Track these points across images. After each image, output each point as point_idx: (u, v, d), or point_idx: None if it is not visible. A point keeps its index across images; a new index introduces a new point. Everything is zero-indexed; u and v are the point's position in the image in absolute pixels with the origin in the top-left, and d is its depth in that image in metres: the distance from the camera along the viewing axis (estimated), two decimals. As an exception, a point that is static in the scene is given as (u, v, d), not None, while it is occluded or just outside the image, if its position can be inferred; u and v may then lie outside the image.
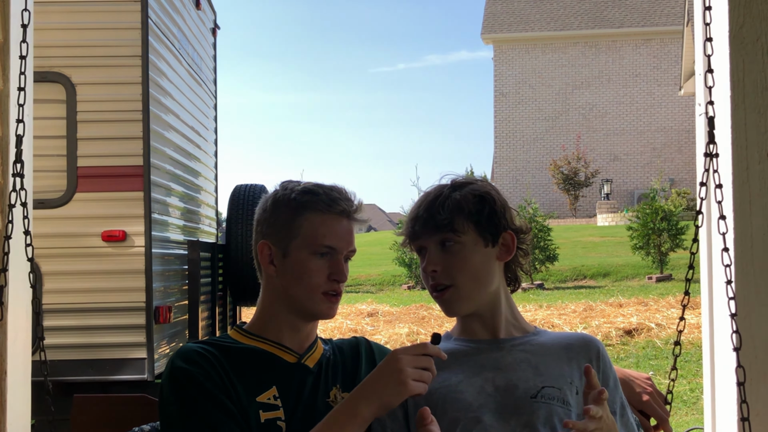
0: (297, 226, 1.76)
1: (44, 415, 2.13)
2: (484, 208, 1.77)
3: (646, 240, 14.66)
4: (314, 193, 1.77)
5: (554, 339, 1.83)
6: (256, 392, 1.70)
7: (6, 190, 1.91)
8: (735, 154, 1.79)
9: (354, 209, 1.79)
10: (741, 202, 1.79)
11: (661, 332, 8.97)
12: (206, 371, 1.67)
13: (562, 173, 26.92)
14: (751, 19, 1.79)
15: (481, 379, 1.74)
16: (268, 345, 1.78)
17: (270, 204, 1.81)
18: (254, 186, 6.58)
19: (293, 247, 1.76)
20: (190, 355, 1.70)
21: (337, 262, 1.76)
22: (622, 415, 1.79)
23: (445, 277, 1.76)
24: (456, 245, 1.76)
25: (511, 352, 1.78)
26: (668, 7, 29.80)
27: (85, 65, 4.99)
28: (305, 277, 1.75)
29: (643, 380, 2.01)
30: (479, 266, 1.77)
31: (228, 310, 6.62)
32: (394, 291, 15.26)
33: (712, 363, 1.94)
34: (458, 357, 1.78)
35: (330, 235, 1.75)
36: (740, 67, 1.80)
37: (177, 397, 1.66)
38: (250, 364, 1.73)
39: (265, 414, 1.69)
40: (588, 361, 1.77)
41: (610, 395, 1.75)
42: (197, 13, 6.60)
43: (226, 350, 1.74)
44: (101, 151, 4.94)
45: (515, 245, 1.82)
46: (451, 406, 1.71)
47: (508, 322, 1.83)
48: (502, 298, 1.83)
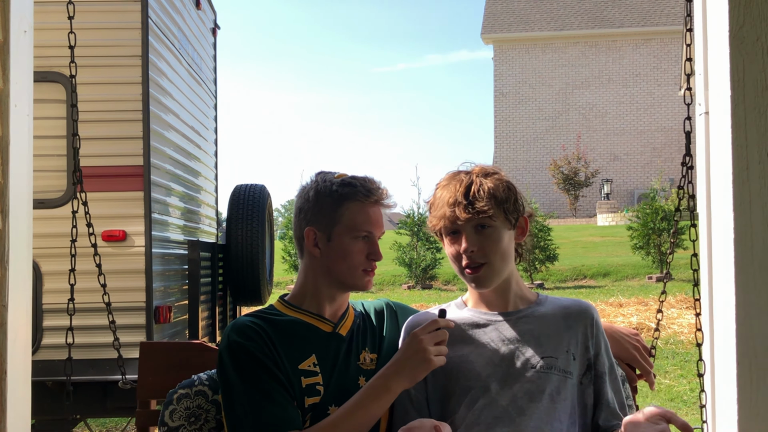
0: (339, 215, 2.03)
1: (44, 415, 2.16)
2: (511, 197, 2.03)
3: (646, 240, 14.66)
4: (353, 185, 2.04)
5: (554, 308, 2.08)
6: (299, 360, 1.97)
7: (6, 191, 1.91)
8: (735, 154, 1.79)
9: (385, 198, 2.07)
10: (741, 202, 1.79)
11: (661, 332, 8.97)
12: (259, 345, 1.93)
13: (562, 173, 26.93)
14: (751, 19, 1.79)
15: (490, 350, 2.01)
16: (307, 316, 2.05)
17: (313, 194, 2.06)
18: (254, 186, 6.58)
19: (336, 232, 2.03)
20: (244, 330, 1.95)
21: (373, 244, 2.07)
22: (609, 374, 2.04)
23: (481, 257, 2.00)
24: (490, 228, 2.01)
25: (516, 324, 2.04)
26: (668, 7, 29.80)
27: (85, 65, 4.99)
28: (348, 258, 2.02)
29: (631, 336, 2.27)
30: (506, 246, 2.04)
31: (228, 310, 6.62)
32: (394, 291, 15.26)
33: (712, 363, 1.94)
34: (470, 328, 2.05)
35: (368, 222, 2.04)
36: (740, 67, 1.80)
37: (235, 367, 1.92)
38: (293, 335, 2.00)
39: (306, 380, 1.96)
40: (584, 327, 2.04)
41: (600, 359, 2.03)
42: (197, 13, 6.60)
43: (272, 323, 2.00)
44: (101, 151, 4.94)
45: (528, 227, 2.10)
46: (464, 375, 1.99)
47: (516, 295, 2.09)
48: (514, 272, 2.09)
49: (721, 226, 1.84)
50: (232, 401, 1.92)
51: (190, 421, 2.09)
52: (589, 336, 2.03)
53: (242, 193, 6.44)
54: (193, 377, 2.15)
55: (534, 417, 1.93)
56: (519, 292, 2.10)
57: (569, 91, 29.84)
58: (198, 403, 2.11)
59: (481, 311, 2.08)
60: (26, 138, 1.99)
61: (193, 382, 2.14)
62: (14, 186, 1.93)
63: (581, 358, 2.02)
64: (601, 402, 2.01)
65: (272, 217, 7.07)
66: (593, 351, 2.03)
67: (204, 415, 2.10)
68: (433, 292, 14.37)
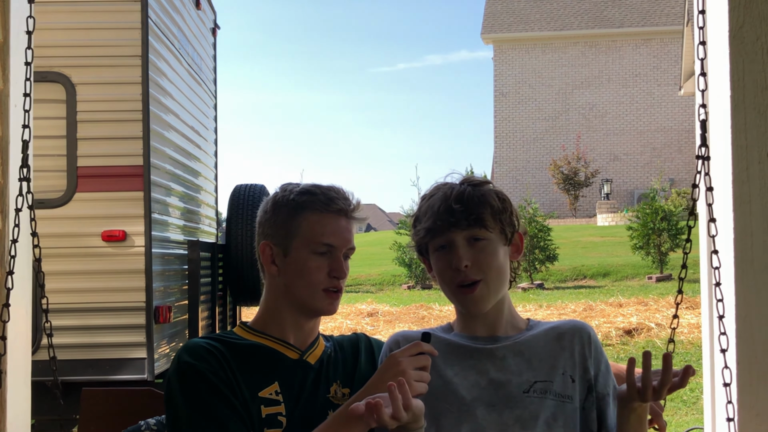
0: (296, 226, 1.82)
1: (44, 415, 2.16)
2: (506, 208, 1.82)
3: (646, 240, 14.66)
4: (312, 194, 1.83)
5: (547, 330, 1.86)
6: (259, 387, 1.75)
7: (6, 191, 1.91)
8: (735, 154, 1.79)
9: (351, 208, 1.84)
10: (741, 202, 1.79)
11: (661, 332, 8.96)
12: (212, 366, 1.72)
13: (562, 173, 26.92)
14: (751, 19, 1.79)
15: (476, 373, 1.78)
16: (271, 341, 1.83)
17: (270, 206, 1.87)
18: (254, 186, 6.58)
19: (293, 246, 1.82)
20: (197, 350, 1.75)
21: (336, 260, 1.82)
22: (614, 398, 1.81)
23: (475, 272, 1.77)
24: (485, 241, 1.78)
25: (506, 347, 1.81)
26: (668, 7, 29.79)
27: (85, 65, 4.99)
28: (306, 275, 1.81)
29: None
30: (502, 264, 1.81)
31: (228, 310, 6.62)
32: (394, 291, 15.25)
33: (712, 363, 1.94)
34: (455, 350, 1.82)
35: (328, 234, 1.81)
36: (740, 67, 1.79)
37: (183, 391, 1.71)
38: (254, 360, 1.78)
39: (266, 409, 1.74)
40: (580, 347, 1.82)
41: (602, 379, 1.82)
42: (197, 13, 6.60)
43: (231, 346, 1.79)
44: (101, 151, 4.94)
45: (522, 246, 1.87)
46: (445, 399, 1.76)
47: (507, 321, 1.86)
48: (507, 296, 1.87)
49: (721, 226, 1.84)
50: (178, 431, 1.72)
51: None
52: (587, 356, 1.81)
53: (242, 193, 6.44)
54: (140, 423, 1.98)
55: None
56: (511, 317, 1.88)
57: (569, 91, 29.83)
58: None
59: (468, 336, 1.85)
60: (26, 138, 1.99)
61: (139, 428, 1.96)
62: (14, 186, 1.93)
63: (581, 380, 1.80)
64: (604, 426, 1.80)
65: (272, 217, 7.06)
66: (593, 371, 1.81)
67: None
68: (433, 292, 14.37)
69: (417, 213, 1.86)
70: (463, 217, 1.76)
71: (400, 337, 1.88)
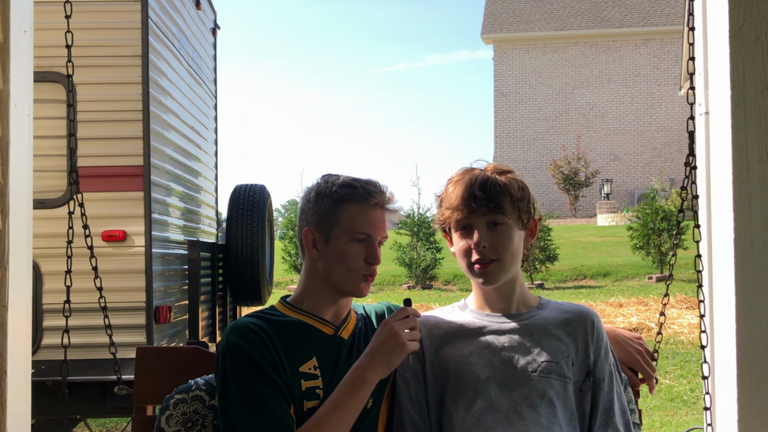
0: (337, 216, 2.00)
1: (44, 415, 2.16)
2: (525, 196, 2.04)
3: (646, 240, 14.66)
4: (352, 187, 2.01)
5: (556, 313, 2.06)
6: (299, 363, 1.94)
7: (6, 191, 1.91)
8: (735, 154, 1.79)
9: (386, 200, 2.04)
10: (741, 202, 1.79)
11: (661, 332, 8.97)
12: (258, 347, 1.89)
13: (562, 173, 26.92)
14: (751, 19, 1.79)
15: (490, 352, 1.99)
16: (309, 318, 2.02)
17: (314, 195, 2.04)
18: (254, 186, 6.58)
19: (334, 234, 2.00)
20: (244, 331, 1.92)
21: (372, 247, 2.02)
22: (610, 381, 2.01)
23: (492, 252, 1.99)
24: (503, 226, 2.00)
25: (518, 327, 2.02)
26: (668, 7, 29.80)
27: (85, 65, 4.98)
28: (345, 260, 1.99)
29: (634, 340, 2.25)
30: (517, 245, 2.03)
31: (228, 310, 6.62)
32: (394, 291, 15.25)
33: (712, 363, 1.94)
34: (471, 331, 2.04)
35: (366, 224, 2.00)
36: (740, 67, 1.79)
37: (233, 368, 1.89)
38: (294, 337, 1.97)
39: (306, 383, 1.93)
40: (584, 334, 2.01)
41: (600, 364, 2.01)
42: (197, 13, 6.60)
43: (273, 323, 1.97)
44: (101, 151, 4.94)
45: (536, 230, 2.10)
46: (462, 377, 1.97)
47: (519, 298, 2.07)
48: (519, 275, 2.08)
49: (721, 226, 1.84)
50: (226, 405, 1.89)
51: (186, 426, 2.05)
52: (590, 342, 2.00)
53: (242, 193, 6.44)
54: (190, 382, 2.13)
55: (534, 422, 1.90)
56: (522, 295, 2.08)
57: (569, 91, 29.83)
58: (195, 408, 2.08)
59: (483, 313, 2.06)
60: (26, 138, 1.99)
61: (189, 387, 2.11)
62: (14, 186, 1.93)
63: (581, 364, 1.99)
64: (597, 409, 1.98)
65: (272, 217, 7.06)
66: (593, 357, 2.00)
67: (201, 420, 2.07)
68: (433, 292, 14.37)
69: (442, 194, 2.08)
70: (485, 203, 1.97)
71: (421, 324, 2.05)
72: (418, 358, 2.03)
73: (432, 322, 2.08)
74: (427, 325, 2.07)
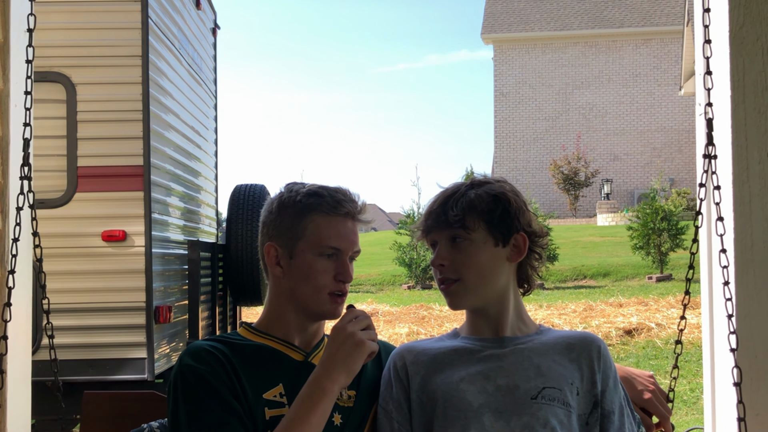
0: (302, 228, 1.79)
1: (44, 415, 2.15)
2: (497, 208, 1.81)
3: (646, 240, 14.65)
4: (319, 195, 1.80)
5: (557, 338, 1.85)
6: (263, 389, 1.73)
7: (6, 190, 1.91)
8: (735, 154, 1.79)
9: (358, 210, 1.83)
10: (741, 202, 1.79)
11: (661, 332, 8.97)
12: (214, 369, 1.69)
13: (562, 173, 26.92)
14: (751, 19, 1.79)
15: (483, 378, 1.77)
16: (275, 342, 1.81)
17: (276, 206, 1.83)
18: (254, 186, 6.58)
19: (299, 248, 1.79)
20: (198, 352, 1.72)
21: (342, 263, 1.80)
22: (621, 414, 1.79)
23: (451, 272, 1.81)
24: (465, 242, 1.81)
25: (514, 351, 1.81)
26: (668, 7, 29.79)
27: (85, 65, 4.99)
28: (311, 278, 1.78)
29: (645, 378, 2.02)
30: (486, 263, 1.81)
31: (228, 310, 6.62)
32: (394, 291, 15.25)
33: (712, 363, 1.94)
34: (462, 356, 1.82)
35: (335, 237, 1.79)
36: (740, 67, 1.80)
37: (184, 395, 1.69)
38: (258, 361, 1.76)
39: (270, 411, 1.72)
40: (588, 360, 1.80)
41: (609, 395, 1.79)
42: (197, 13, 6.60)
43: (234, 347, 1.76)
44: (101, 151, 4.94)
45: (527, 247, 1.85)
46: (452, 405, 1.75)
47: (513, 323, 1.86)
48: (510, 298, 1.86)
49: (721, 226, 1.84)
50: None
51: None
52: (596, 370, 1.79)
53: (242, 193, 6.44)
54: (143, 426, 1.95)
55: None
56: (517, 320, 1.87)
57: (569, 91, 29.82)
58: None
59: (475, 338, 1.86)
60: (26, 138, 1.98)
61: (142, 431, 1.93)
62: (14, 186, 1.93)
63: (587, 394, 1.78)
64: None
65: (272, 217, 7.05)
66: (600, 387, 1.79)
67: None
68: (433, 292, 14.37)
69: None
70: (444, 219, 1.82)
71: (405, 351, 1.88)
72: (402, 388, 1.82)
73: (417, 348, 1.87)
74: (412, 351, 1.86)
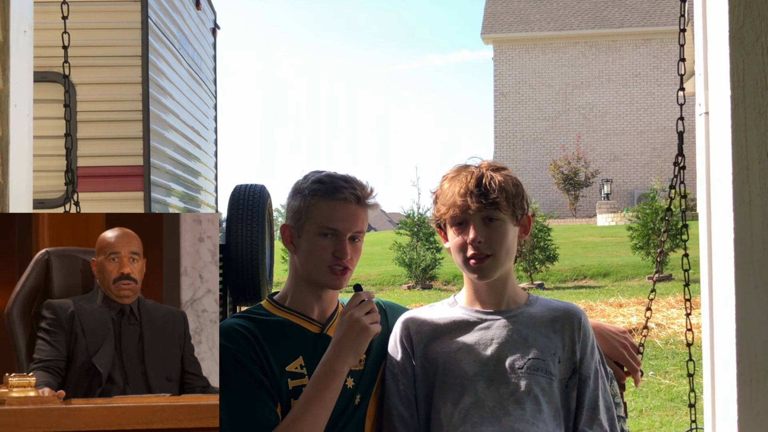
0: (308, 211, 2.04)
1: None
2: (519, 192, 2.06)
3: (646, 240, 14.64)
4: (322, 182, 2.05)
5: (544, 310, 2.09)
6: (286, 362, 1.98)
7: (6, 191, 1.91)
8: (735, 154, 1.79)
9: (359, 195, 2.04)
10: (741, 202, 1.79)
11: (661, 332, 8.96)
12: (245, 349, 1.94)
13: (562, 173, 26.91)
14: (751, 19, 1.79)
15: (478, 348, 2.02)
16: (295, 317, 2.07)
17: (291, 192, 2.10)
18: (254, 186, 6.57)
19: (305, 229, 2.05)
20: (231, 333, 1.97)
21: (340, 242, 2.02)
22: (596, 378, 2.05)
23: (487, 248, 2.01)
24: (498, 221, 2.02)
25: (506, 324, 2.05)
26: (668, 7, 29.80)
27: (85, 65, 4.99)
28: (313, 254, 2.03)
29: (619, 334, 2.29)
30: (511, 241, 2.05)
31: (228, 310, 6.62)
32: (394, 291, 15.25)
33: (712, 363, 1.94)
34: (460, 326, 2.07)
35: (333, 219, 2.02)
36: (740, 67, 1.80)
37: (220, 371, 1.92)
38: (281, 336, 2.01)
39: (293, 382, 1.97)
40: (571, 332, 2.05)
41: (586, 362, 2.05)
42: (197, 13, 6.60)
43: (261, 323, 2.02)
44: (101, 151, 4.94)
45: (530, 226, 2.12)
46: (450, 372, 2.01)
47: (509, 295, 2.10)
48: (511, 271, 2.11)
49: (721, 226, 1.84)
50: None
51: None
52: (576, 340, 2.05)
53: (242, 193, 6.44)
54: None
55: (519, 418, 1.95)
56: (512, 292, 2.11)
57: (569, 91, 29.82)
58: None
59: (472, 309, 2.09)
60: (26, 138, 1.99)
61: None
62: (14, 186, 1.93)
63: (567, 362, 2.04)
64: (582, 406, 2.03)
65: (272, 217, 7.06)
66: (579, 355, 2.04)
67: None
68: (433, 292, 14.37)
69: (437, 191, 2.10)
70: (482, 199, 2.00)
71: (409, 321, 2.11)
72: (407, 354, 2.07)
73: (421, 318, 2.11)
74: (415, 321, 2.10)
